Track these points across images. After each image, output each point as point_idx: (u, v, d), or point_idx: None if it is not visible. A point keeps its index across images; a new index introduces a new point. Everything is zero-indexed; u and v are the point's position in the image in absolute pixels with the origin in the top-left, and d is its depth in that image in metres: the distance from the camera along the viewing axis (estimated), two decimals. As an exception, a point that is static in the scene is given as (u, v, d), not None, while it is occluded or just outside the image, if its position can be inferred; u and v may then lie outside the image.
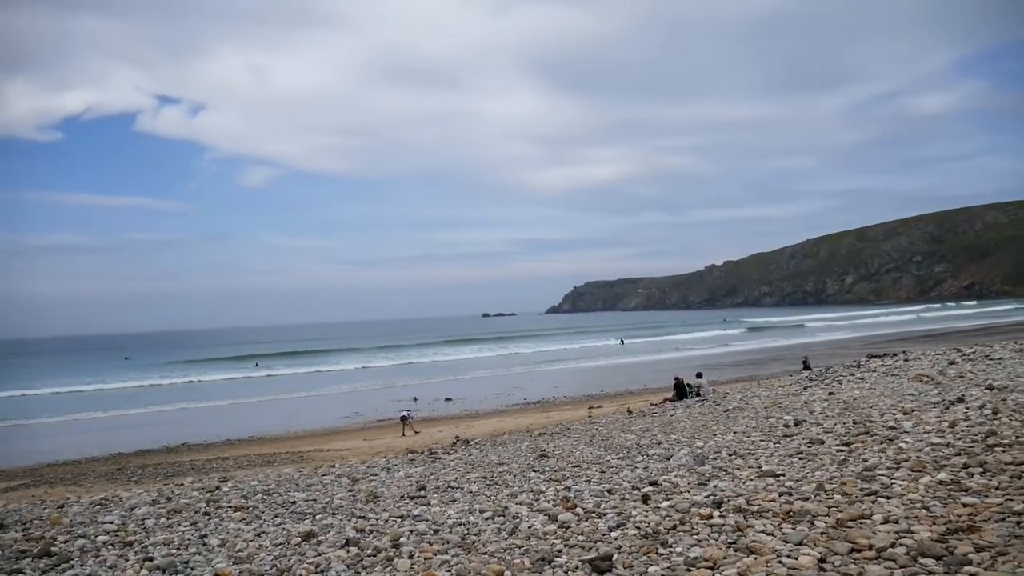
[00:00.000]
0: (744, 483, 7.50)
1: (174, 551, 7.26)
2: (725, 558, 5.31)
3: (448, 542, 6.69)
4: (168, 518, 9.07)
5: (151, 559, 6.95)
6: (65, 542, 7.92)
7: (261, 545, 7.24)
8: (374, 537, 7.18)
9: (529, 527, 6.94)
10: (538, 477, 9.99)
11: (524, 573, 5.63)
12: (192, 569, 6.55)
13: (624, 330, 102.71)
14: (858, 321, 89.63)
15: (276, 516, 8.76)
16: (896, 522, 5.50)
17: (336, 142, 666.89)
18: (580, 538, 6.36)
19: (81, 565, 6.96)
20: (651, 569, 5.37)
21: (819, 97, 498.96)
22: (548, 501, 8.08)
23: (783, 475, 7.59)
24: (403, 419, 23.11)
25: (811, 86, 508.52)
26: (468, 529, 7.15)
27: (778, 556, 5.17)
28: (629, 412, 20.31)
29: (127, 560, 7.00)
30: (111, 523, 8.91)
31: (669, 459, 10.01)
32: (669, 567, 5.33)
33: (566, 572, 5.58)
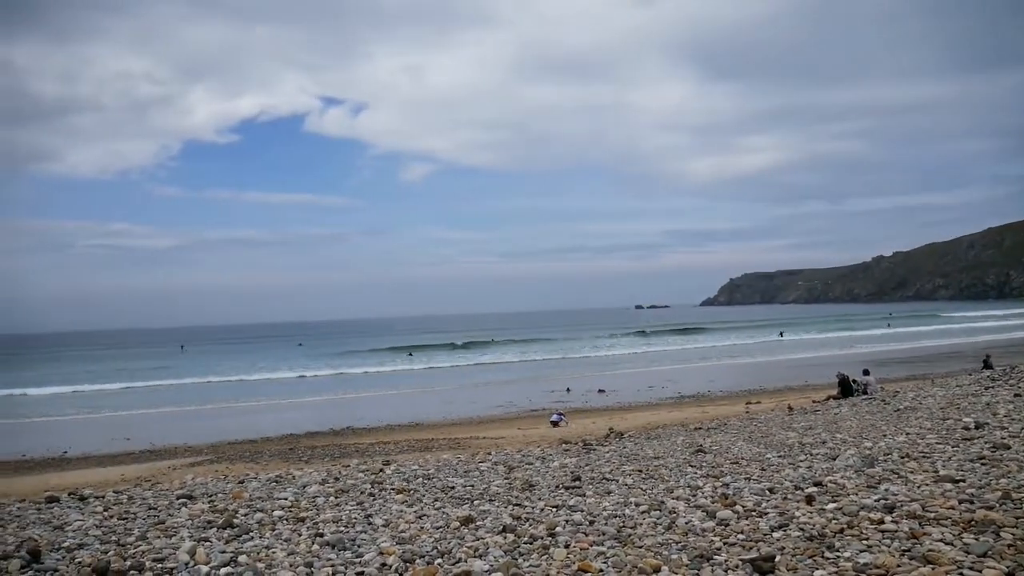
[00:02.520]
0: (919, 488, 7.07)
1: (342, 528, 7.63)
2: (899, 566, 5.03)
3: (604, 534, 6.68)
4: (336, 497, 9.55)
5: (321, 535, 7.34)
6: (245, 515, 8.49)
7: (422, 527, 7.49)
8: (530, 525, 7.28)
9: (686, 523, 6.83)
10: (695, 472, 9.81)
11: (682, 569, 5.55)
12: (359, 546, 6.86)
13: (784, 324, 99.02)
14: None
15: (436, 500, 9.04)
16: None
17: (488, 137, 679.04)
18: (740, 537, 6.20)
19: (259, 537, 7.43)
20: (816, 573, 5.16)
21: (995, 76, 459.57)
22: (706, 497, 7.92)
23: (963, 481, 7.10)
24: (554, 423, 22.85)
25: (986, 64, 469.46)
26: (624, 522, 7.12)
27: (959, 568, 4.84)
28: (790, 409, 19.58)
29: (300, 535, 7.42)
30: (285, 499, 9.48)
31: (834, 459, 9.58)
32: (836, 572, 5.11)
33: (726, 571, 5.45)
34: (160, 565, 6.41)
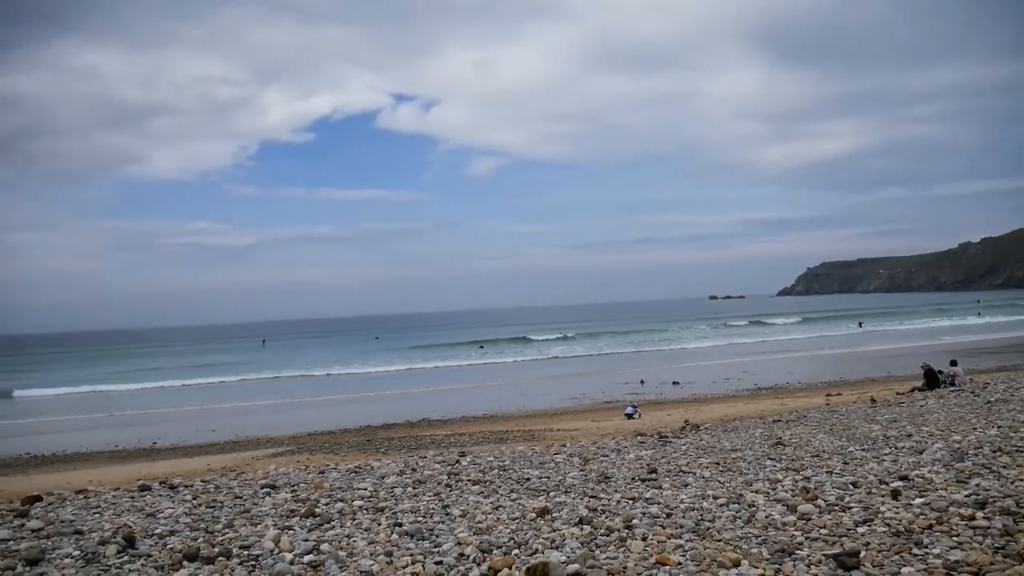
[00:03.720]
0: (1012, 483, 6.80)
1: (420, 518, 7.74)
2: (992, 564, 4.85)
3: (682, 527, 6.62)
4: (414, 488, 9.68)
5: (400, 524, 7.45)
6: (326, 505, 8.68)
7: (499, 518, 7.54)
8: (607, 517, 7.25)
9: (766, 516, 6.71)
10: (774, 465, 9.63)
11: (762, 564, 5.45)
12: (437, 536, 6.96)
13: (864, 313, 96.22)
14: None
15: (512, 491, 9.08)
16: None
17: (558, 129, 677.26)
18: (822, 531, 6.06)
19: (340, 526, 7.60)
20: (904, 570, 5.01)
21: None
22: (786, 491, 7.77)
23: (1061, 476, 6.80)
24: (628, 416, 22.73)
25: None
26: (702, 515, 7.04)
27: (1057, 566, 4.64)
28: (873, 401, 19.04)
29: (379, 524, 7.55)
30: (365, 489, 9.66)
31: (921, 453, 9.28)
32: (925, 569, 4.95)
33: (808, 566, 5.34)
34: (246, 552, 6.62)
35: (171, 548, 6.90)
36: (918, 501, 6.56)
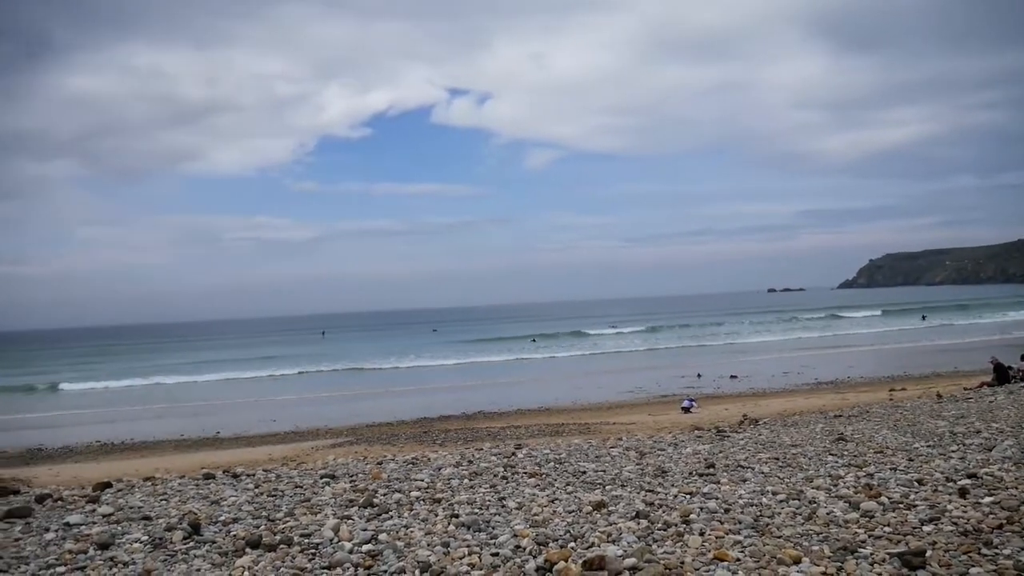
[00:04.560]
0: (1089, 482, 6.56)
1: (476, 510, 7.79)
2: (1066, 565, 4.68)
3: (740, 522, 6.54)
4: (470, 479, 9.74)
5: (456, 516, 7.51)
6: (384, 495, 8.79)
7: (555, 511, 7.54)
8: (664, 511, 7.20)
9: (828, 513, 6.59)
10: (836, 461, 9.45)
11: (824, 562, 5.36)
12: (493, 528, 6.99)
13: (929, 306, 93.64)
14: None
15: (568, 484, 9.08)
16: None
17: (613, 121, 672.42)
18: (886, 529, 5.93)
19: (398, 516, 7.69)
20: (972, 571, 4.88)
21: None
22: (848, 487, 7.62)
23: None
24: (685, 409, 22.48)
25: None
26: (761, 511, 6.94)
27: None
28: (939, 396, 18.54)
29: (436, 515, 7.62)
30: (422, 480, 9.75)
31: (990, 450, 9.01)
32: (995, 570, 4.81)
33: (871, 564, 5.23)
34: (307, 540, 6.74)
35: (234, 535, 7.07)
36: (987, 500, 6.38)
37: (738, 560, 5.54)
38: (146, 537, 7.12)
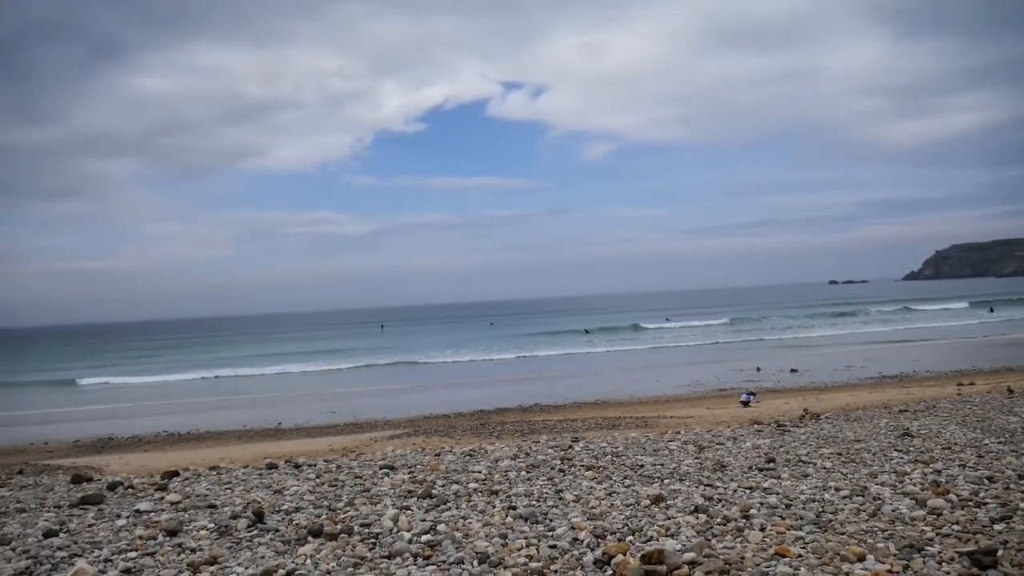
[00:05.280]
0: None
1: (534, 502, 7.81)
2: None
3: (802, 518, 6.44)
4: (527, 472, 9.77)
5: (514, 507, 7.55)
6: (443, 486, 8.87)
7: (612, 504, 7.53)
8: (723, 506, 7.13)
9: (893, 510, 6.45)
10: (901, 457, 9.23)
11: (889, 559, 5.24)
12: (551, 520, 7.01)
13: (999, 299, 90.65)
14: None
15: (625, 478, 9.04)
16: None
17: (671, 112, 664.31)
18: (955, 528, 5.79)
19: (456, 507, 7.76)
20: (1047, 570, 4.72)
21: None
22: (914, 484, 7.44)
23: None
24: (744, 403, 22.14)
25: None
26: (823, 507, 6.82)
27: None
28: (1010, 391, 17.95)
29: (494, 507, 7.67)
30: (479, 472, 9.81)
31: (1066, 447, 8.70)
32: (1071, 570, 4.65)
33: (939, 563, 5.11)
34: (367, 530, 6.85)
35: (296, 524, 7.22)
36: (1063, 498, 6.16)
37: (800, 556, 5.46)
38: (212, 524, 7.31)
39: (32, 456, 19.80)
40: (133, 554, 6.51)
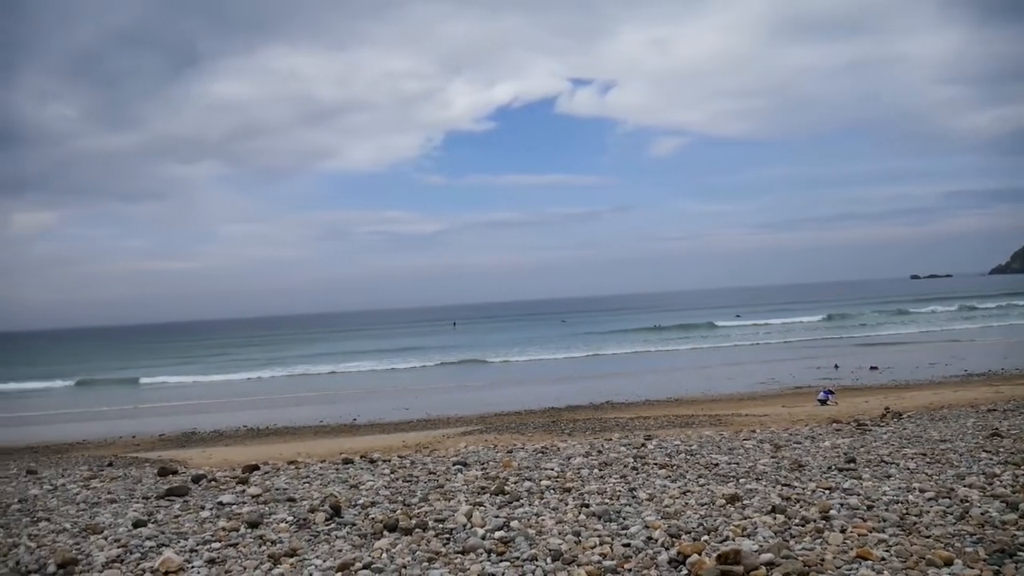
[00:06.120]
0: None
1: (607, 500, 7.77)
2: None
3: (884, 520, 6.26)
4: (600, 470, 9.73)
5: (587, 505, 7.52)
6: (515, 483, 8.90)
7: (687, 503, 7.44)
8: (801, 507, 6.98)
9: (982, 513, 6.21)
10: (990, 458, 8.89)
11: (979, 564, 5.06)
12: (624, 518, 6.96)
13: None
14: None
15: (700, 476, 8.93)
16: None
17: (742, 105, 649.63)
18: (1050, 532, 5.53)
19: (529, 504, 7.77)
20: None
21: None
22: (1005, 486, 7.15)
23: None
24: (821, 401, 21.58)
25: None
26: (907, 508, 6.61)
27: None
28: (1108, 390, 17.11)
29: (567, 504, 7.66)
30: (551, 469, 9.82)
31: None
32: None
33: (1033, 569, 4.90)
34: (441, 525, 6.92)
35: (372, 518, 7.35)
36: None
37: (883, 559, 5.30)
38: (291, 517, 7.50)
39: (121, 449, 20.62)
40: (217, 545, 6.73)
